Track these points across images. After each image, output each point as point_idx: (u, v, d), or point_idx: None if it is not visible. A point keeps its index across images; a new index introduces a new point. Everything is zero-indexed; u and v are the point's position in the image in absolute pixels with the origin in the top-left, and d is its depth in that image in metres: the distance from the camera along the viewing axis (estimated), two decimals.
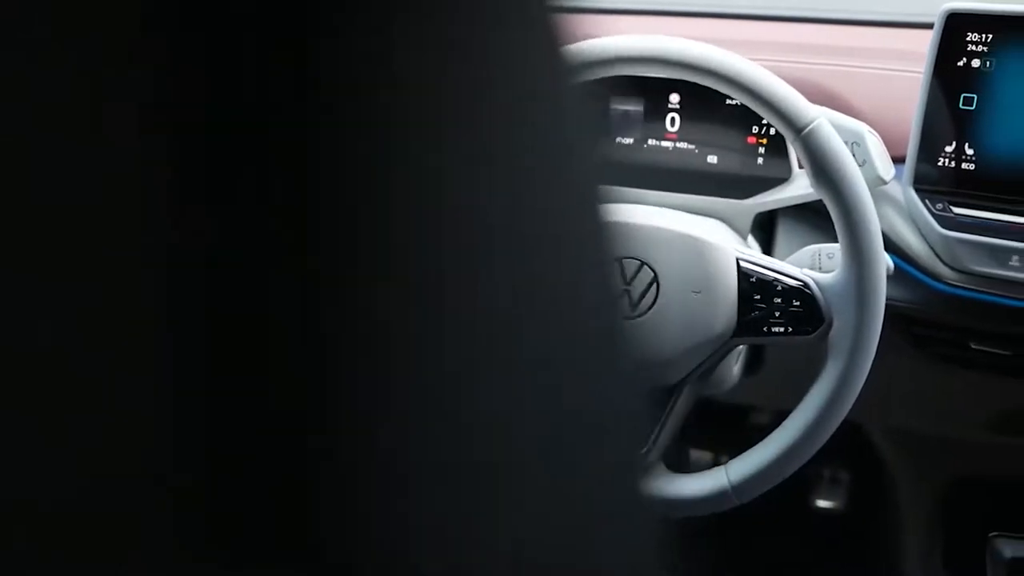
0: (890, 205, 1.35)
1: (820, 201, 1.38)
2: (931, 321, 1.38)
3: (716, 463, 1.24)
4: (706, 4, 1.79)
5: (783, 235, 1.45)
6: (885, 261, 1.15)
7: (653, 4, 1.81)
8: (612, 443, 0.33)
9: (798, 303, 1.06)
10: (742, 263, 1.09)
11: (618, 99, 1.40)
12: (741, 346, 1.37)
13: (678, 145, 1.38)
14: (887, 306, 1.38)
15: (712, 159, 1.37)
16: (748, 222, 1.36)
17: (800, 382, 1.15)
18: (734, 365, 1.37)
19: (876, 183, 1.21)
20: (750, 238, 1.42)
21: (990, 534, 1.58)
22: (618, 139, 1.41)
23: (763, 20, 1.71)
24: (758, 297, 1.08)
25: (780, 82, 1.06)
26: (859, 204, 1.04)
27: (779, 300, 1.07)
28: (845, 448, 2.06)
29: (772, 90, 1.06)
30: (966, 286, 1.31)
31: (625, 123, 1.40)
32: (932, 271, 1.33)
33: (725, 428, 1.45)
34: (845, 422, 1.88)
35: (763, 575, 2.18)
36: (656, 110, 1.38)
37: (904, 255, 1.35)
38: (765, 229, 1.48)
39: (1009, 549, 1.56)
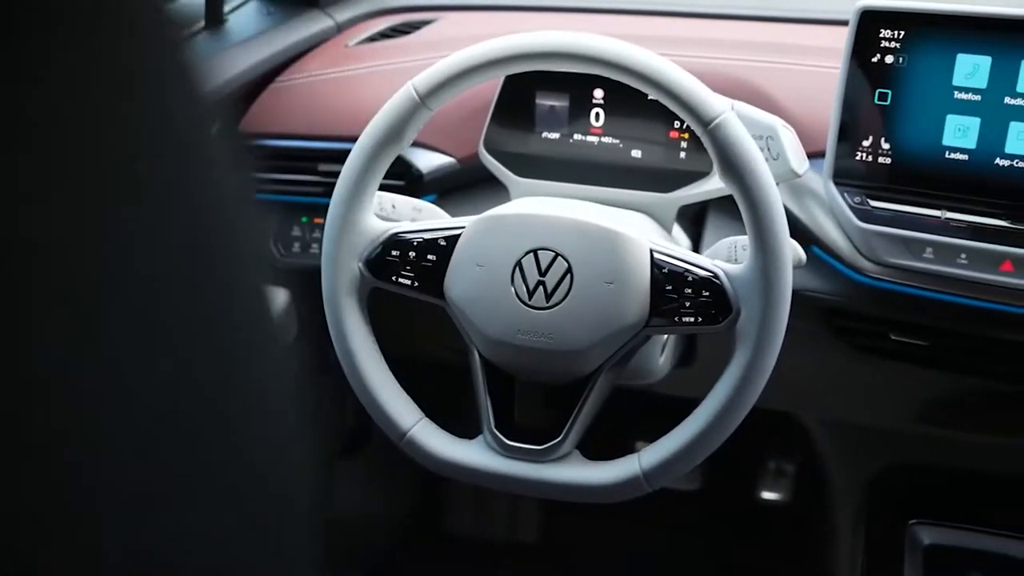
0: (812, 199, 1.37)
1: None
2: (853, 313, 1.40)
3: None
4: (632, 2, 1.81)
5: (711, 228, 1.47)
6: (795, 252, 1.16)
7: (579, 2, 1.83)
8: (254, 448, 0.33)
9: (707, 293, 1.07)
10: (655, 254, 1.10)
11: (543, 94, 1.41)
12: (667, 337, 1.39)
13: (603, 140, 1.39)
14: (810, 298, 1.40)
15: (636, 153, 1.38)
16: (672, 215, 1.37)
17: (705, 373, 1.16)
18: (659, 356, 1.38)
19: (789, 176, 1.23)
20: (678, 230, 1.43)
21: (910, 521, 1.60)
22: (544, 134, 1.42)
23: (688, 17, 1.73)
24: (669, 288, 1.09)
25: (689, 76, 1.07)
26: (764, 196, 1.05)
27: (689, 291, 1.08)
28: (781, 439, 2.10)
29: (680, 84, 1.07)
30: (885, 278, 1.33)
31: (551, 118, 1.41)
32: (853, 264, 1.35)
33: (651, 418, 1.45)
34: (780, 413, 1.90)
35: (705, 561, 2.20)
36: (580, 105, 1.39)
37: (826, 248, 1.37)
38: (696, 222, 1.50)
39: (927, 536, 1.58)
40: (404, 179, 1.56)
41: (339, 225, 1.18)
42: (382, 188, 1.34)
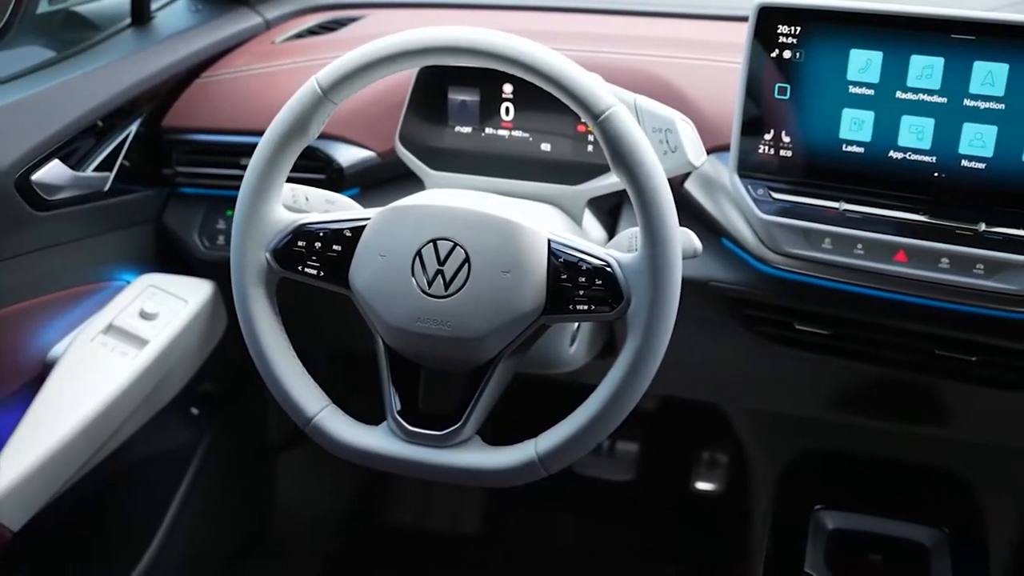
0: (722, 192, 1.39)
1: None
2: (759, 303, 1.42)
3: None
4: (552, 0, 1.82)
5: (625, 220, 1.48)
6: (690, 242, 1.17)
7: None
8: None
9: (600, 282, 1.08)
10: (553, 244, 1.11)
11: (455, 89, 1.42)
12: (577, 327, 1.40)
13: (513, 133, 1.40)
14: (720, 288, 1.42)
15: (545, 147, 1.39)
16: (581, 206, 1.38)
17: None
18: (568, 345, 1.39)
19: (686, 168, 1.24)
20: (592, 222, 1.44)
21: (815, 507, 1.62)
22: (457, 128, 1.43)
23: (603, 14, 1.74)
24: (565, 277, 1.09)
25: (580, 71, 1.08)
26: (653, 187, 1.06)
27: (583, 279, 1.09)
28: (710, 429, 2.11)
29: (571, 78, 1.07)
30: (788, 269, 1.35)
31: (462, 112, 1.42)
32: (758, 255, 1.36)
33: (564, 407, 1.47)
34: (706, 404, 1.92)
35: (639, 549, 2.21)
36: (491, 100, 1.40)
37: (734, 240, 1.38)
38: (612, 214, 1.51)
39: (831, 521, 1.60)
40: (325, 173, 1.56)
41: (246, 216, 1.18)
42: (302, 182, 1.35)
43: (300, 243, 1.18)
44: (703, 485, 2.24)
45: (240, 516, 2.17)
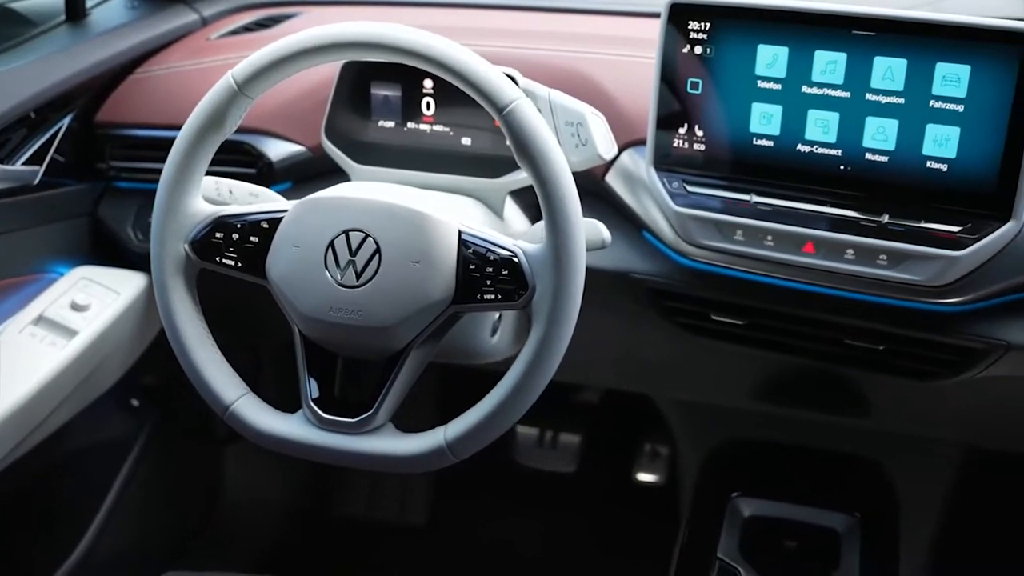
0: (641, 185, 1.39)
1: (589, 180, 1.42)
2: (677, 294, 1.43)
3: None
4: None
5: None
6: (598, 233, 1.18)
7: None
8: None
9: (507, 272, 1.09)
10: (463, 235, 1.11)
11: (378, 84, 1.42)
12: (498, 317, 1.40)
13: (435, 128, 1.41)
14: (639, 280, 1.43)
15: (466, 141, 1.39)
16: (502, 199, 1.38)
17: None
18: (489, 336, 1.39)
19: (596, 160, 1.25)
20: (516, 214, 1.44)
21: (732, 494, 1.63)
22: (380, 122, 1.43)
23: (522, 11, 1.75)
24: (473, 267, 1.10)
25: (485, 64, 1.09)
26: (556, 178, 1.06)
27: (491, 270, 1.09)
28: (644, 420, 2.13)
29: (476, 72, 1.08)
30: (704, 260, 1.36)
31: (385, 107, 1.42)
32: (676, 247, 1.37)
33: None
34: (639, 395, 1.93)
35: (583, 538, 2.22)
36: (412, 95, 1.40)
37: (653, 232, 1.39)
38: (538, 207, 1.51)
39: (747, 508, 1.61)
40: (256, 167, 1.56)
41: (165, 208, 1.18)
42: (234, 176, 1.34)
43: (218, 234, 1.18)
44: (642, 475, 2.25)
45: (185, 506, 2.16)
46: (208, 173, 1.24)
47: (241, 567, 2.16)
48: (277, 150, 1.56)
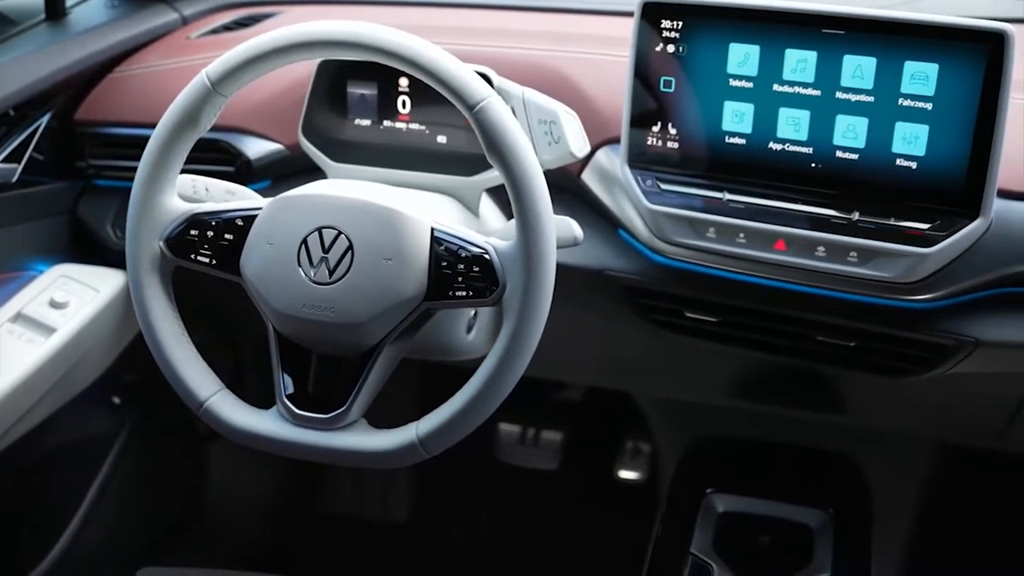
0: (616, 183, 1.39)
1: (565, 178, 1.43)
2: (652, 291, 1.43)
3: None
4: None
5: None
6: (570, 230, 1.18)
7: None
8: None
9: (478, 269, 1.09)
10: (436, 232, 1.11)
11: (354, 83, 1.42)
12: (474, 314, 1.40)
13: (410, 126, 1.41)
14: (615, 277, 1.43)
15: (441, 139, 1.40)
16: (477, 196, 1.39)
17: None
18: (464, 333, 1.39)
19: (568, 158, 1.26)
20: (493, 212, 1.45)
21: (706, 490, 1.63)
22: (356, 121, 1.43)
23: (499, 10, 1.75)
24: (445, 264, 1.10)
25: (456, 62, 1.09)
26: (525, 175, 1.06)
27: (462, 267, 1.09)
28: (624, 418, 2.13)
29: (447, 70, 1.08)
30: (678, 258, 1.36)
31: (361, 105, 1.42)
32: (650, 244, 1.37)
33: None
34: (619, 393, 1.93)
35: (565, 535, 2.22)
36: (388, 93, 1.41)
37: (628, 230, 1.39)
38: None
39: (722, 504, 1.62)
40: (234, 166, 1.56)
41: (139, 206, 1.18)
42: (212, 174, 1.34)
43: (193, 232, 1.18)
44: (623, 472, 2.26)
45: (167, 504, 2.16)
46: (187, 171, 1.24)
47: (223, 564, 2.16)
48: (255, 148, 1.56)
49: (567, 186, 1.43)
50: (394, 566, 2.24)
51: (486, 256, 1.09)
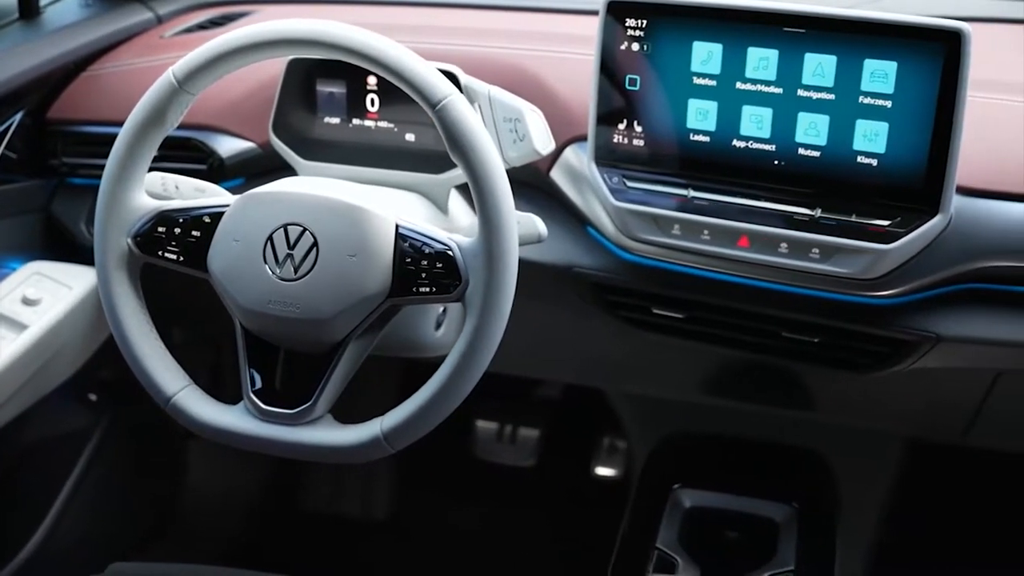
0: (584, 181, 1.39)
1: (534, 175, 1.43)
2: (619, 288, 1.43)
3: None
4: None
5: None
6: (534, 226, 1.18)
7: None
8: None
9: (441, 265, 1.09)
10: (400, 229, 1.11)
11: (323, 81, 1.42)
12: (442, 310, 1.40)
13: (379, 124, 1.41)
14: (584, 274, 1.43)
15: (410, 137, 1.39)
16: (446, 194, 1.38)
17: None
18: (433, 330, 1.39)
19: (533, 156, 1.26)
20: (462, 209, 1.45)
21: (673, 486, 1.64)
22: (326, 119, 1.42)
23: (467, 8, 1.75)
24: (409, 260, 1.10)
25: (418, 60, 1.09)
26: (487, 172, 1.06)
27: (426, 263, 1.09)
28: (601, 414, 2.13)
29: (409, 68, 1.08)
30: (644, 254, 1.36)
31: (330, 103, 1.42)
32: (617, 241, 1.37)
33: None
34: (594, 390, 1.94)
35: (543, 532, 2.22)
36: (357, 91, 1.40)
37: (596, 227, 1.40)
38: None
39: (688, 499, 1.62)
40: (207, 164, 1.56)
41: (107, 203, 1.19)
42: (185, 172, 1.34)
43: (161, 229, 1.18)
44: (598, 468, 2.26)
45: (144, 501, 2.15)
46: (160, 169, 1.24)
47: (201, 562, 2.15)
48: (228, 146, 1.56)
49: (536, 183, 1.43)
50: (373, 563, 2.24)
51: (449, 252, 1.09)
